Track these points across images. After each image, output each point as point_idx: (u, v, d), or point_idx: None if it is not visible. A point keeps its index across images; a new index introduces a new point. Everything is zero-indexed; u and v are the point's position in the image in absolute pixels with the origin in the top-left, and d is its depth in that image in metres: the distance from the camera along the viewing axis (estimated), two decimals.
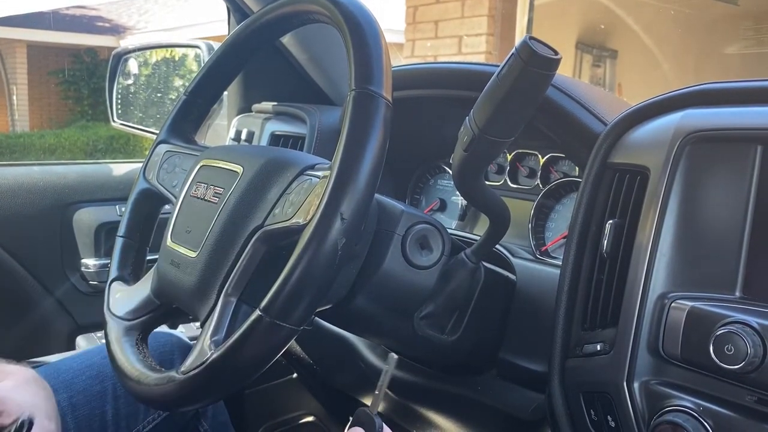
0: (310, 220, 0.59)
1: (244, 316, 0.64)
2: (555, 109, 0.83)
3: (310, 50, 1.27)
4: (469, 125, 0.70)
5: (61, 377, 0.89)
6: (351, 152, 0.60)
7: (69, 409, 0.86)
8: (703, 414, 0.59)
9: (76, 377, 0.89)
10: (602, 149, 0.75)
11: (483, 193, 0.77)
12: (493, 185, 1.06)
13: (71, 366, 0.91)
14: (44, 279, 1.41)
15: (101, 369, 0.91)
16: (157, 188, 0.86)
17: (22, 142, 9.01)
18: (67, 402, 0.86)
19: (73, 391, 0.88)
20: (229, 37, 0.85)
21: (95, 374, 0.91)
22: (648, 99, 0.74)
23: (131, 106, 1.71)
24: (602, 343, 0.69)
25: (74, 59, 10.76)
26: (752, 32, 3.47)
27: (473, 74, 0.92)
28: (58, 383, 0.88)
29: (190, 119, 0.89)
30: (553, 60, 0.64)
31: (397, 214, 0.74)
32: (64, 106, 10.96)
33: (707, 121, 0.66)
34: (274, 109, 1.24)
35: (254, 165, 0.72)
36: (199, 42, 1.44)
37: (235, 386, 0.64)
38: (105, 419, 0.88)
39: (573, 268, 0.74)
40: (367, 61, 0.63)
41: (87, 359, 0.93)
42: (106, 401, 0.89)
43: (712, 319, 0.59)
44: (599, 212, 0.74)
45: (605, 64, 4.31)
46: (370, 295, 0.73)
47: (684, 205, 0.65)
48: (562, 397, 0.74)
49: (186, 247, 0.73)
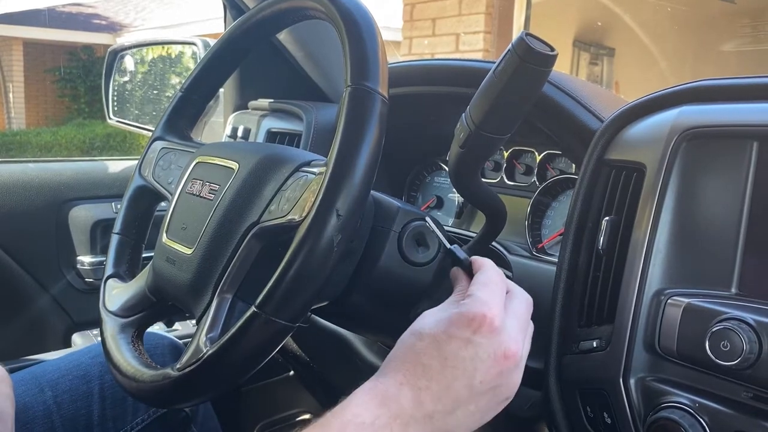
0: (306, 216, 0.59)
1: (240, 312, 0.64)
2: (551, 106, 0.83)
3: (306, 47, 1.27)
4: (466, 122, 0.70)
5: (47, 377, 0.89)
6: (347, 149, 0.60)
7: (55, 408, 0.86)
8: (698, 410, 0.59)
9: (62, 377, 0.90)
10: (599, 146, 0.75)
11: (479, 190, 0.77)
12: (489, 182, 1.05)
13: (59, 366, 0.91)
14: (40, 276, 1.41)
15: (88, 369, 0.91)
16: (152, 185, 0.85)
17: (19, 140, 8.99)
18: (53, 401, 0.86)
19: (59, 391, 0.88)
20: (225, 34, 0.85)
21: (82, 374, 0.91)
22: (644, 96, 0.74)
23: (127, 104, 1.71)
24: (598, 339, 0.69)
25: (71, 57, 10.74)
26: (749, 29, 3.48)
27: (469, 71, 0.92)
28: (45, 382, 0.88)
29: (186, 116, 0.89)
30: (550, 56, 0.63)
31: (393, 211, 0.74)
32: (61, 104, 10.94)
33: (703, 117, 0.66)
34: (270, 106, 1.24)
35: (250, 162, 0.71)
36: (196, 39, 1.44)
37: (231, 383, 0.64)
38: (91, 419, 0.88)
39: (569, 265, 0.75)
40: (363, 57, 0.63)
41: (75, 359, 0.93)
42: (92, 401, 0.89)
43: (708, 315, 0.59)
44: (596, 209, 0.74)
45: (602, 62, 4.31)
46: (366, 291, 0.73)
47: (680, 202, 0.65)
48: (558, 393, 0.74)
49: (182, 244, 0.72)
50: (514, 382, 0.58)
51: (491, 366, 0.55)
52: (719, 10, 3.74)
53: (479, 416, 0.56)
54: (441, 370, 0.54)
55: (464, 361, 0.54)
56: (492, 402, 0.57)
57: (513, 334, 0.57)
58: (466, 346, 0.55)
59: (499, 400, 0.57)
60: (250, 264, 0.67)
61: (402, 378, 0.54)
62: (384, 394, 0.54)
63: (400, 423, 0.52)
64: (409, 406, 0.53)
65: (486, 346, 0.55)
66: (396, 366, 0.56)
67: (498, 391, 0.56)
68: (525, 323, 0.60)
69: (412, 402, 0.53)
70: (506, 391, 0.57)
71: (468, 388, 0.54)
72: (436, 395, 0.54)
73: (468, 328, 0.55)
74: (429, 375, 0.54)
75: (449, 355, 0.55)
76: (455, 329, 0.55)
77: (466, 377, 0.54)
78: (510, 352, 0.56)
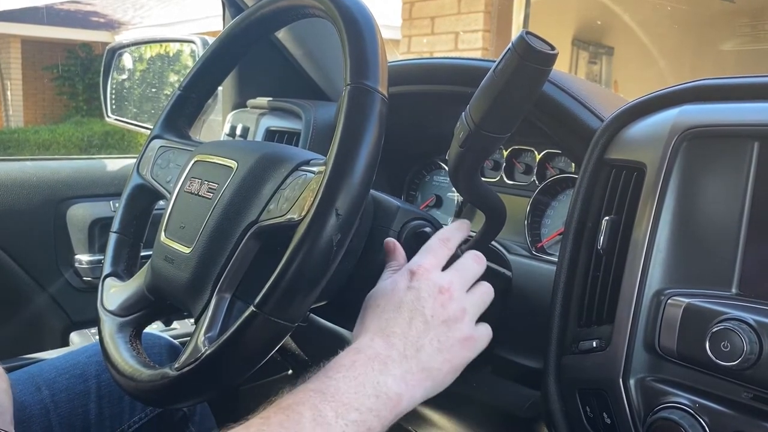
0: (305, 215, 0.59)
1: (239, 312, 0.64)
2: (551, 105, 0.82)
3: (305, 45, 1.27)
4: (466, 121, 0.70)
5: (44, 375, 0.89)
6: (346, 147, 0.59)
7: (52, 407, 0.86)
8: (698, 411, 0.59)
9: (59, 376, 0.90)
10: (599, 145, 0.75)
11: (479, 190, 0.77)
12: (489, 181, 1.05)
13: (56, 365, 0.92)
14: (38, 275, 1.40)
15: (85, 369, 0.91)
16: (151, 184, 0.85)
17: (17, 138, 8.97)
18: (50, 400, 0.86)
19: (56, 390, 0.88)
20: (223, 32, 0.85)
21: (79, 373, 0.90)
22: (645, 95, 0.74)
23: (126, 102, 1.70)
24: (598, 339, 0.69)
25: (69, 54, 10.72)
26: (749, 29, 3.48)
27: (469, 69, 0.92)
28: (42, 381, 0.88)
29: (184, 114, 0.89)
30: (550, 55, 0.63)
31: (392, 211, 0.74)
32: (59, 102, 10.92)
33: (704, 117, 0.66)
34: (269, 105, 1.23)
35: (249, 160, 0.71)
36: (194, 37, 1.44)
37: (229, 383, 0.63)
38: (88, 418, 0.88)
39: (569, 264, 0.74)
40: (363, 56, 0.62)
41: (72, 358, 0.93)
42: (89, 400, 0.89)
43: (709, 315, 0.59)
44: (595, 209, 0.74)
45: (601, 61, 4.31)
46: (365, 291, 0.73)
47: (680, 202, 0.65)
48: (557, 393, 0.74)
49: (180, 242, 0.72)
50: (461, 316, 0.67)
51: (433, 301, 0.66)
52: (718, 9, 3.74)
53: (448, 355, 0.65)
54: (398, 316, 0.64)
55: (412, 303, 0.65)
56: (451, 338, 0.65)
57: (446, 276, 0.68)
58: (409, 291, 0.66)
59: (458, 338, 0.66)
60: (248, 263, 0.67)
61: (371, 335, 0.64)
62: (358, 347, 0.62)
63: (378, 363, 0.61)
64: (382, 349, 0.62)
65: (424, 287, 0.66)
66: (362, 330, 0.65)
67: (453, 327, 0.66)
68: (467, 276, 0.70)
69: (384, 345, 0.62)
70: (462, 329, 0.66)
71: (424, 323, 0.64)
72: (402, 336, 0.63)
73: (407, 279, 0.67)
74: (391, 324, 0.64)
75: (401, 303, 0.65)
76: (399, 283, 0.67)
77: (418, 314, 0.65)
78: (443, 288, 0.67)
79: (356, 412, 0.57)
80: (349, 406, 0.57)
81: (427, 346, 0.63)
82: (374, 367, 0.60)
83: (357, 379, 0.59)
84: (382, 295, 0.67)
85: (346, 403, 0.57)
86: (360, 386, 0.59)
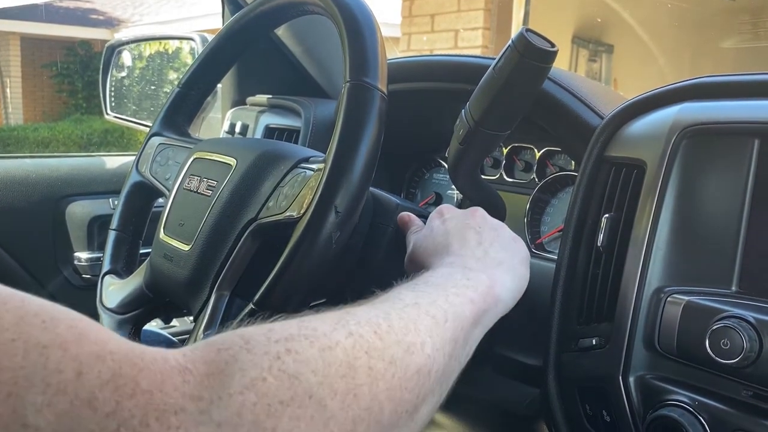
0: (304, 213, 0.59)
1: (238, 309, 0.64)
2: (551, 102, 0.82)
3: (305, 42, 1.26)
4: (465, 118, 0.70)
5: None
6: (345, 145, 0.59)
7: None
8: (698, 409, 0.59)
9: None
10: (599, 143, 0.75)
11: (479, 187, 0.77)
12: (488, 179, 1.05)
13: None
14: (37, 272, 1.40)
15: None
16: (150, 181, 0.85)
17: (16, 135, 8.96)
18: None
19: None
20: (223, 29, 0.84)
21: None
22: (645, 92, 0.74)
23: (125, 99, 1.70)
24: (598, 337, 0.69)
25: (68, 52, 10.70)
26: (749, 26, 3.47)
27: (469, 67, 0.92)
28: None
29: (183, 111, 0.89)
30: (550, 52, 0.63)
31: (392, 208, 0.74)
32: (58, 99, 10.91)
33: (704, 114, 0.66)
34: (268, 102, 1.23)
35: (248, 158, 0.71)
36: (194, 34, 1.43)
37: None
38: None
39: (569, 261, 0.74)
40: (362, 53, 0.62)
41: None
42: None
43: (708, 313, 0.59)
44: (595, 206, 0.73)
45: (601, 59, 4.31)
46: (364, 288, 0.73)
47: (680, 199, 0.65)
48: (557, 391, 0.74)
49: (179, 240, 0.72)
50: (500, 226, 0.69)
51: (472, 219, 0.68)
52: (719, 6, 3.74)
53: (511, 250, 0.67)
54: (453, 242, 0.65)
55: (455, 228, 0.67)
56: (505, 236, 0.68)
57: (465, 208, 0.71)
58: (446, 223, 0.68)
59: (509, 236, 0.69)
60: (247, 261, 0.67)
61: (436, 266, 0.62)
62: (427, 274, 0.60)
63: (458, 267, 0.61)
64: (457, 261, 0.62)
65: (456, 215, 0.69)
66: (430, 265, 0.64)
67: (500, 231, 0.68)
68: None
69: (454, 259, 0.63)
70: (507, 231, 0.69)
71: (477, 234, 0.66)
72: (464, 249, 0.64)
73: (438, 220, 0.69)
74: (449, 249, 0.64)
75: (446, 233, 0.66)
76: (434, 225, 0.68)
77: (467, 232, 0.66)
78: (472, 211, 0.69)
79: (453, 289, 0.56)
80: (446, 290, 0.56)
81: (491, 249, 0.65)
82: (454, 271, 0.60)
83: (443, 276, 0.58)
84: (424, 241, 0.67)
85: (443, 287, 0.56)
86: (449, 277, 0.58)
